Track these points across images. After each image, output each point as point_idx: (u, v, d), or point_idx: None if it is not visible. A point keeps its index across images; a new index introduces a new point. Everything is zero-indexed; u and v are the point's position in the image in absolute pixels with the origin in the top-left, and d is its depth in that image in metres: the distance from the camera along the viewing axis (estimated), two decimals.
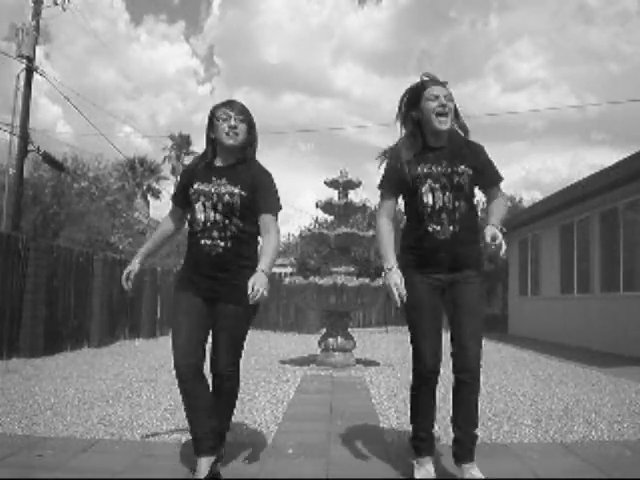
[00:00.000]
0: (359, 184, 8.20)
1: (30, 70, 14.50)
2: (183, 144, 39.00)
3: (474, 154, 2.77)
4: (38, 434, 3.56)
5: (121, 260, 11.02)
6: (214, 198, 2.81)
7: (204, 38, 72.03)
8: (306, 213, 66.76)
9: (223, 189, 2.82)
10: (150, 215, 32.00)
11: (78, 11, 58.68)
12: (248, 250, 2.87)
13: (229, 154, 2.88)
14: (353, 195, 8.34)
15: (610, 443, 3.55)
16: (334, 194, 8.14)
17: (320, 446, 3.44)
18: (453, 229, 2.70)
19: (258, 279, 2.63)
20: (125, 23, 64.21)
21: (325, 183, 8.15)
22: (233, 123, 2.81)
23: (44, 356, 7.84)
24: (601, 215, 10.91)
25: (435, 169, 2.72)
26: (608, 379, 6.40)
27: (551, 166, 57.98)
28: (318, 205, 8.09)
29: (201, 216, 2.82)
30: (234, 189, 2.81)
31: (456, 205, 2.71)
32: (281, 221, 2.99)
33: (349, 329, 7.82)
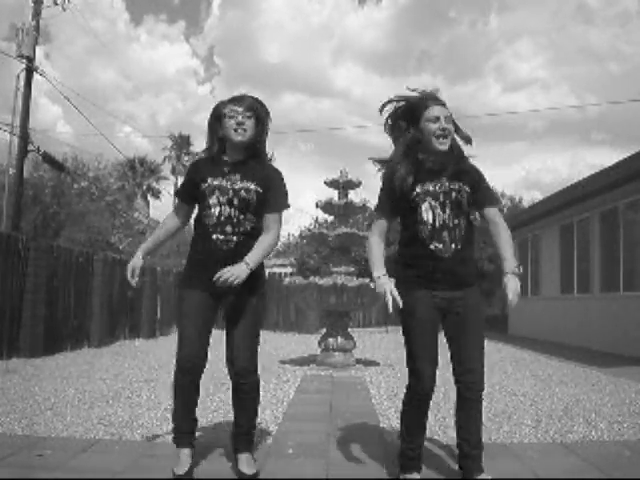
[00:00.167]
0: (359, 184, 8.20)
1: (30, 70, 14.51)
2: (183, 144, 39.05)
3: (472, 171, 2.77)
4: (38, 434, 3.57)
5: (121, 260, 11.00)
6: (230, 193, 2.81)
7: (204, 38, 72.22)
8: (306, 213, 66.66)
9: (238, 184, 2.82)
10: (150, 215, 32.00)
11: (78, 11, 58.70)
12: None
13: (238, 150, 2.88)
14: (353, 195, 8.35)
15: (610, 443, 3.56)
16: (334, 194, 8.15)
17: (320, 446, 3.44)
18: (455, 247, 2.69)
19: (236, 269, 2.69)
20: (125, 23, 64.40)
21: (325, 183, 8.15)
22: (240, 119, 2.81)
23: (44, 356, 7.84)
24: (601, 215, 10.91)
25: (434, 187, 2.70)
26: (608, 379, 6.40)
27: (551, 166, 58.12)
28: (318, 205, 8.09)
29: (215, 210, 2.81)
30: (250, 185, 2.83)
31: (456, 222, 2.70)
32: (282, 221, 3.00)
33: (349, 329, 7.83)
